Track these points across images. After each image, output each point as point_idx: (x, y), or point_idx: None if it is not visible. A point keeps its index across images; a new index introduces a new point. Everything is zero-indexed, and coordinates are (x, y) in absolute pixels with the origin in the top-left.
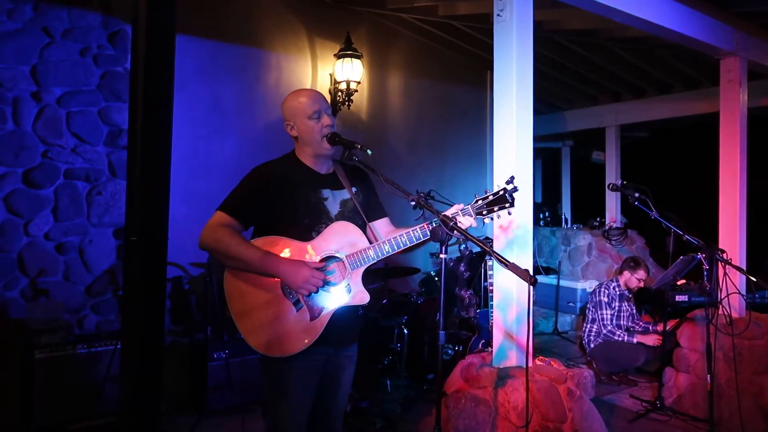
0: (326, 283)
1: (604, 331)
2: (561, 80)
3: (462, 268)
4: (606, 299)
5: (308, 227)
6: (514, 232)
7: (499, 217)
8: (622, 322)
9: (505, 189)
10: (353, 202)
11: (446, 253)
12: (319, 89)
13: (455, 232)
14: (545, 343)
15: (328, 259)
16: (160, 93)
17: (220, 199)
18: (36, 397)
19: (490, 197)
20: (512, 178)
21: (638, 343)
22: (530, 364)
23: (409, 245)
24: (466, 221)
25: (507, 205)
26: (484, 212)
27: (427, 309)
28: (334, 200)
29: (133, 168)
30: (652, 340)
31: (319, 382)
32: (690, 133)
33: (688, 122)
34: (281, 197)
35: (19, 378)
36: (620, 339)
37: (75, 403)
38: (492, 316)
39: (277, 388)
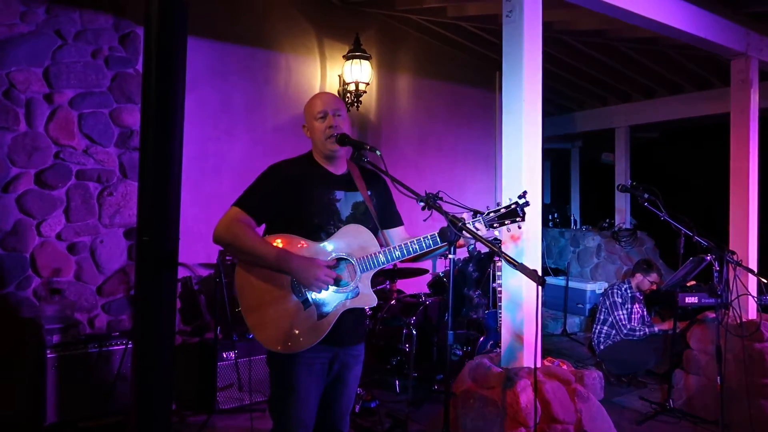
0: (337, 283)
1: (625, 331)
2: (570, 81)
3: (470, 269)
4: (620, 300)
5: (318, 227)
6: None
7: (509, 230)
8: (633, 324)
9: (517, 203)
10: (366, 205)
11: (455, 253)
12: (327, 90)
13: (464, 233)
14: (554, 344)
15: (339, 261)
16: (172, 95)
17: (230, 199)
18: (47, 396)
19: (502, 210)
20: (525, 192)
21: (660, 331)
22: (539, 364)
23: (419, 252)
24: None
25: (518, 219)
26: (495, 225)
27: (436, 310)
28: (346, 201)
29: (145, 169)
30: (669, 324)
31: (325, 381)
32: (701, 133)
33: (699, 123)
34: (295, 195)
35: (30, 376)
36: (642, 334)
37: (86, 402)
38: (500, 317)
39: (283, 386)
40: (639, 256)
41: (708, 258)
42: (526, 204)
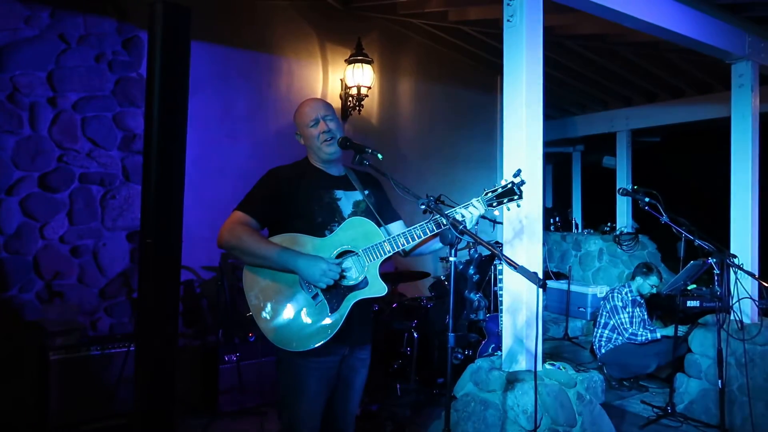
0: (344, 275)
1: (626, 335)
2: (572, 85)
3: (471, 272)
4: (621, 303)
5: (321, 225)
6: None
7: (509, 209)
8: (635, 328)
9: (513, 182)
10: (365, 203)
11: (455, 256)
12: (329, 94)
13: (465, 235)
14: (556, 348)
15: (345, 253)
16: (175, 99)
17: (232, 203)
18: (50, 398)
19: (499, 190)
20: (519, 171)
21: (662, 337)
22: (540, 368)
23: (423, 237)
24: (475, 210)
25: (515, 197)
26: (494, 204)
27: (438, 313)
28: (347, 200)
29: (148, 172)
30: (671, 329)
31: (333, 385)
32: (702, 137)
33: (700, 127)
34: (296, 196)
35: (34, 379)
36: (644, 339)
37: (89, 404)
38: (502, 320)
39: (292, 388)
40: (641, 260)
41: (709, 261)
42: (522, 182)
